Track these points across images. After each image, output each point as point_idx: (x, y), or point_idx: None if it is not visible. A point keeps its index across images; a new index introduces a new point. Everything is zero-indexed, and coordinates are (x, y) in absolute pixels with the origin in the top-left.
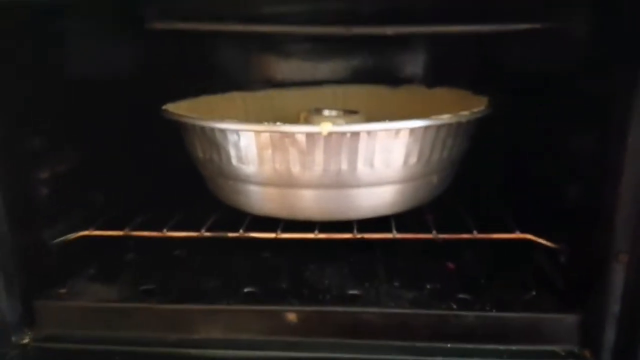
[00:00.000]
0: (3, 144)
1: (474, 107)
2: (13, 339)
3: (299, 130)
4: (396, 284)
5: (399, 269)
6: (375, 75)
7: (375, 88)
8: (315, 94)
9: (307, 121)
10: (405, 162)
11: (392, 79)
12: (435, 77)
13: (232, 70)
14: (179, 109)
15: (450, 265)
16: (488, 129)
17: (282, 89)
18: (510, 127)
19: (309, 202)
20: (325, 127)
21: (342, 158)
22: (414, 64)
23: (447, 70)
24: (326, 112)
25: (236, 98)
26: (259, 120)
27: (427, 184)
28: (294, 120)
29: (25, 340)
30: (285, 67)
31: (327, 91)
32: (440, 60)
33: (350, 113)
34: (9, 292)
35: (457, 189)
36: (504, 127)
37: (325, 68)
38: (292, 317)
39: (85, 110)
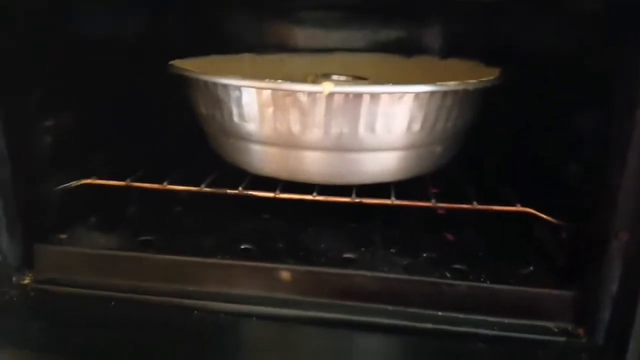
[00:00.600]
0: (7, 92)
1: (484, 77)
2: (14, 279)
3: (301, 88)
4: (392, 250)
5: (397, 237)
6: (387, 48)
7: (387, 56)
8: (325, 60)
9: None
10: (408, 128)
11: (404, 52)
12: (446, 50)
13: (243, 36)
14: (185, 65)
15: (449, 236)
16: (494, 103)
17: (292, 54)
18: (517, 103)
19: (309, 164)
20: (327, 87)
21: (344, 120)
22: (426, 37)
23: (458, 44)
24: (335, 77)
25: (245, 59)
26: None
27: (430, 153)
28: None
29: (25, 281)
30: (298, 34)
31: (337, 58)
32: (452, 34)
33: (359, 79)
34: (11, 234)
35: (461, 162)
36: (511, 102)
37: (337, 37)
38: (285, 275)
39: (90, 67)
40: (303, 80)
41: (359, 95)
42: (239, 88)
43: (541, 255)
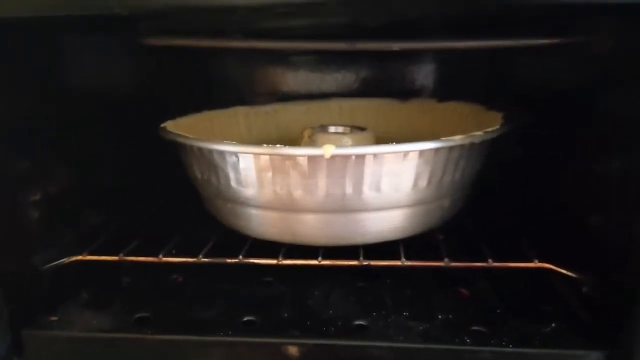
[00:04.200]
0: None
1: (487, 123)
2: None
3: (301, 153)
4: (405, 313)
5: (408, 296)
6: (383, 88)
7: (384, 102)
8: (321, 108)
9: (311, 139)
10: (415, 185)
11: (401, 92)
12: (445, 90)
13: (235, 84)
14: (178, 126)
15: (464, 291)
16: (502, 147)
17: (286, 104)
18: (525, 147)
19: (313, 227)
20: (328, 150)
21: (347, 182)
22: (423, 76)
23: (457, 83)
24: (332, 129)
25: (239, 113)
26: (262, 136)
27: (439, 208)
28: (299, 137)
29: None
30: (291, 80)
31: (333, 105)
32: (450, 73)
33: (357, 129)
34: None
35: (470, 211)
36: (519, 146)
37: (331, 80)
38: (293, 351)
39: (78, 128)
40: (300, 133)
41: (361, 156)
42: (235, 154)
43: (563, 311)
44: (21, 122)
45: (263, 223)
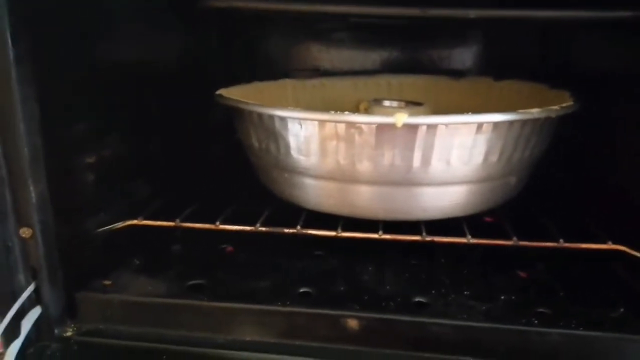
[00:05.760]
0: (48, 128)
1: (551, 102)
2: (56, 331)
3: (370, 120)
4: (466, 293)
5: (466, 276)
6: (429, 68)
7: (435, 79)
8: (368, 84)
9: (368, 112)
10: (485, 160)
11: (447, 72)
12: (493, 70)
13: (278, 60)
14: (230, 94)
15: (522, 273)
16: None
17: (333, 78)
18: (585, 129)
19: (373, 200)
20: (400, 118)
21: (416, 153)
22: (472, 56)
23: (506, 63)
24: (387, 103)
25: (287, 86)
26: (309, 109)
27: (505, 185)
28: (349, 110)
29: (68, 334)
30: (335, 56)
31: (381, 81)
32: (499, 52)
33: (413, 104)
34: (53, 283)
35: (530, 191)
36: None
37: (375, 57)
38: (353, 323)
39: (130, 97)
40: (352, 107)
41: (434, 126)
42: (299, 121)
43: (630, 296)
44: (77, 88)
45: (321, 194)
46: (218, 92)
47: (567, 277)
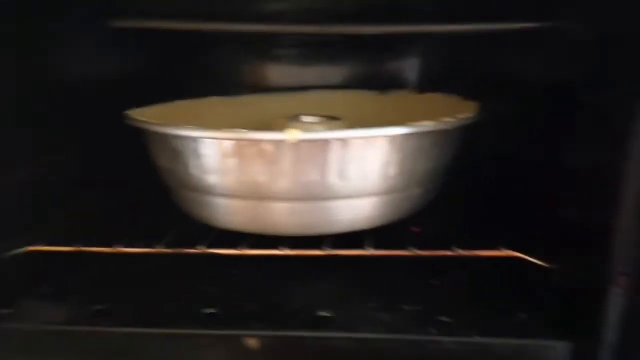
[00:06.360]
0: None
1: (464, 113)
2: None
3: (264, 137)
4: (371, 305)
5: (376, 286)
6: (366, 82)
7: (363, 93)
8: (300, 99)
9: (281, 128)
10: (385, 173)
11: (386, 86)
12: (428, 83)
13: (217, 76)
14: (145, 115)
15: (430, 283)
16: (478, 136)
17: (262, 95)
18: (503, 136)
19: (278, 216)
20: (292, 135)
21: (313, 169)
22: (407, 69)
23: (441, 76)
24: (304, 119)
25: (215, 104)
26: (238, 127)
27: (409, 197)
28: (272, 127)
29: None
30: (273, 72)
31: (313, 97)
32: (433, 66)
33: (331, 119)
34: None
35: (444, 197)
36: (497, 135)
37: (313, 73)
38: (253, 343)
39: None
40: (272, 123)
41: (327, 142)
42: (195, 139)
43: (534, 303)
44: None
45: (227, 213)
46: (126, 112)
47: (476, 284)
